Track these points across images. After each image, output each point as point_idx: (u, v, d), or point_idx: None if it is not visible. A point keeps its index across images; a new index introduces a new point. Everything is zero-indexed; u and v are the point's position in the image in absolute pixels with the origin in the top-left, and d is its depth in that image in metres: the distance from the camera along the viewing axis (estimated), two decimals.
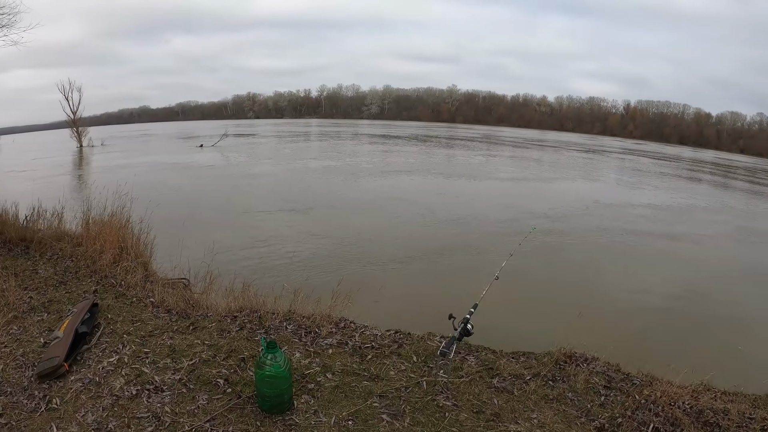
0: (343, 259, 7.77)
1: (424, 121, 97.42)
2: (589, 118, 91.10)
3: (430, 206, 12.14)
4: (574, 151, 37.68)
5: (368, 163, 22.17)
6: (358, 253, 8.08)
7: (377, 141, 38.92)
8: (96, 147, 41.30)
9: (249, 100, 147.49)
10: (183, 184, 16.52)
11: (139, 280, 4.45)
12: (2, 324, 3.60)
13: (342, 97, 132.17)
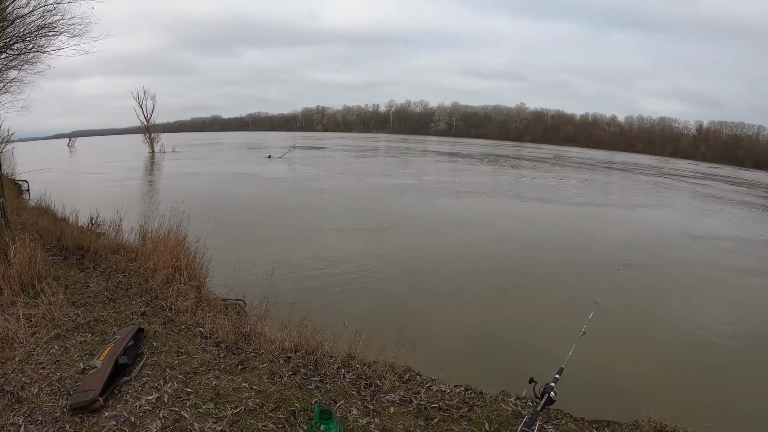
0: (410, 287, 8.12)
1: (492, 139, 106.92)
2: (660, 139, 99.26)
3: (504, 230, 12.76)
4: (648, 174, 39.46)
5: (440, 182, 23.55)
6: (427, 282, 8.38)
7: (447, 159, 42.28)
8: (167, 153, 47.39)
9: (318, 113, 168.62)
10: (250, 195, 18.25)
11: (190, 305, 4.60)
12: (44, 341, 3.84)
13: (410, 113, 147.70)
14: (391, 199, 17.86)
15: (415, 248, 10.75)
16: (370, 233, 12.21)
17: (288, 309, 4.83)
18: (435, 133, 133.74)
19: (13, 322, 4.09)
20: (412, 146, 64.64)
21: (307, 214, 14.37)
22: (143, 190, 20.84)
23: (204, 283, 5.69)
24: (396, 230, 12.59)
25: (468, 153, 52.22)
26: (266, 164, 32.86)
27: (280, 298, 5.24)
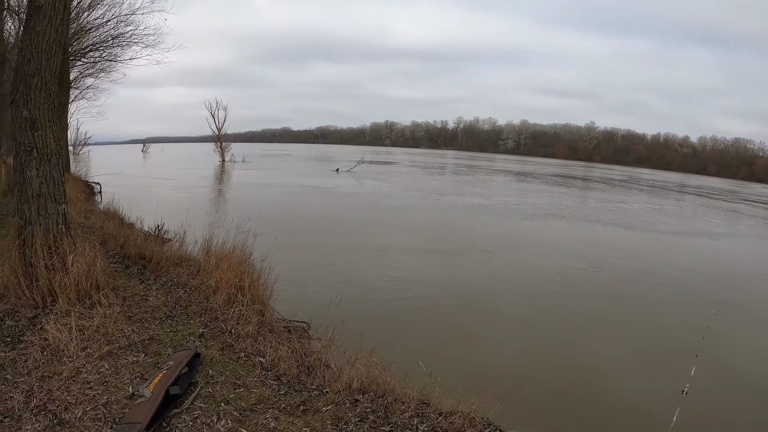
0: (488, 320, 8.09)
1: (561, 159, 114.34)
2: (735, 161, 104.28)
3: (587, 258, 12.90)
4: (727, 200, 40.23)
5: (516, 203, 24.66)
6: (505, 316, 8.37)
7: (520, 179, 44.76)
8: (237, 162, 50.86)
9: (387, 128, 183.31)
10: (320, 210, 19.22)
11: (252, 331, 4.53)
12: (95, 358, 3.90)
13: (478, 130, 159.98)
14: (467, 220, 18.58)
15: (493, 275, 10.87)
16: (446, 256, 12.35)
17: (355, 337, 4.86)
18: (503, 151, 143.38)
19: (65, 333, 4.18)
20: (481, 164, 68.44)
21: (380, 233, 14.82)
22: (211, 199, 22.07)
23: (267, 305, 5.63)
24: (473, 254, 12.73)
25: (539, 173, 54.78)
26: (335, 178, 34.93)
27: (347, 324, 5.38)
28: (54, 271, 4.84)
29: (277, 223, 14.54)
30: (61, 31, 4.90)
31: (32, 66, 4.73)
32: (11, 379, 3.68)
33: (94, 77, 23.35)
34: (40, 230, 4.89)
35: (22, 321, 4.63)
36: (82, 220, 10.47)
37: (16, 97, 4.81)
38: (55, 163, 4.97)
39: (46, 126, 4.85)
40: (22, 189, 4.89)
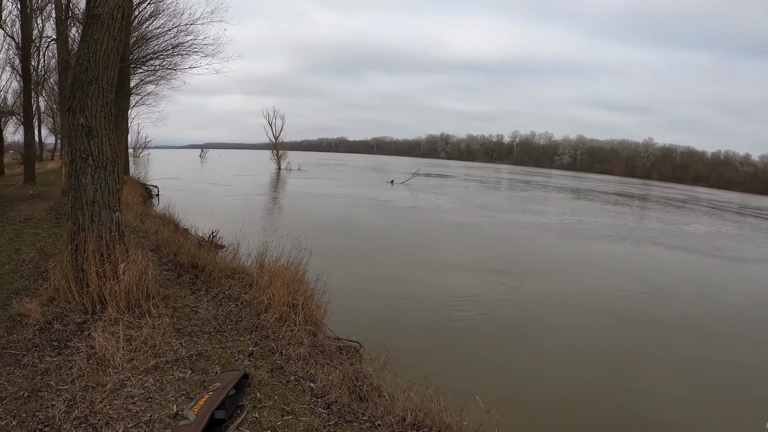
0: (552, 350, 7.75)
1: (617, 175, 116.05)
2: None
3: (654, 285, 12.39)
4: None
5: (578, 222, 24.51)
6: (571, 345, 8.04)
7: (580, 196, 44.57)
8: (293, 171, 52.24)
9: (442, 141, 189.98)
10: (378, 224, 19.62)
11: (303, 353, 4.39)
12: (140, 371, 3.84)
13: (534, 145, 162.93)
14: (528, 239, 18.58)
15: (555, 299, 10.55)
16: (507, 277, 12.11)
17: (409, 360, 5.03)
18: (559, 166, 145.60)
19: (112, 342, 4.17)
20: (538, 180, 69.15)
21: (438, 250, 14.85)
22: (267, 209, 22.57)
23: (320, 325, 5.49)
24: (535, 276, 12.49)
25: (598, 190, 54.99)
26: (391, 190, 35.70)
27: (401, 346, 5.40)
28: (105, 278, 4.87)
29: (333, 237, 14.58)
30: (119, 40, 4.98)
31: (89, 74, 4.81)
32: (54, 386, 3.69)
33: (155, 84, 24.41)
34: (93, 237, 4.94)
35: (70, 326, 4.67)
36: (137, 224, 10.73)
37: (73, 105, 4.90)
38: (110, 170, 5.03)
39: (102, 134, 4.92)
40: (77, 195, 4.96)
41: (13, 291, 5.97)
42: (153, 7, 15.17)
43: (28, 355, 4.22)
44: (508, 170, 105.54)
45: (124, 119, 13.49)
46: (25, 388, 3.69)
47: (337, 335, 6.25)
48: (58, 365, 4.00)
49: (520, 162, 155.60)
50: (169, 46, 14.96)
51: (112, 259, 4.98)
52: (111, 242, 5.07)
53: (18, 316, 4.97)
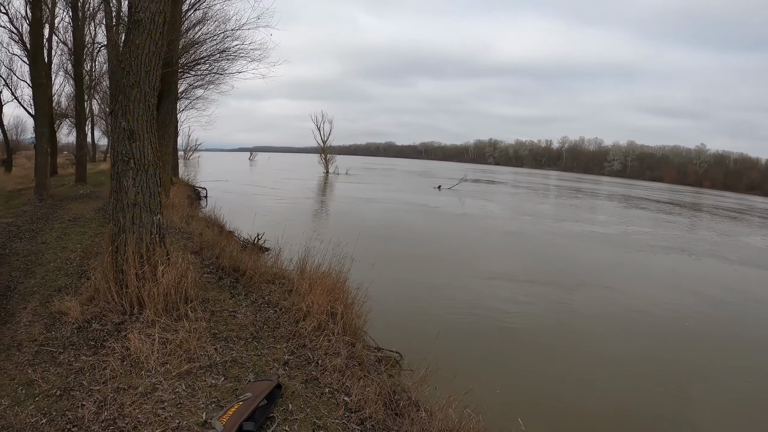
0: (604, 370, 7.43)
1: (668, 183, 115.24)
2: None
3: (717, 304, 11.64)
4: None
5: (633, 232, 23.50)
6: (626, 365, 7.65)
7: (633, 204, 43.09)
8: (341, 175, 52.91)
9: (490, 146, 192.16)
10: (423, 229, 19.61)
11: (339, 365, 4.32)
12: (173, 376, 3.85)
13: (584, 151, 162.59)
14: (581, 249, 17.96)
15: (610, 315, 10.14)
16: (558, 289, 11.69)
17: (449, 376, 4.83)
18: (608, 173, 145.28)
19: (147, 344, 4.22)
20: (588, 187, 68.29)
21: (487, 259, 14.69)
22: (312, 213, 22.76)
23: (359, 335, 5.43)
24: (588, 289, 12.04)
25: (651, 198, 53.62)
26: (438, 195, 35.55)
27: (443, 359, 5.26)
28: (144, 280, 4.96)
29: (378, 243, 14.57)
30: (161, 45, 5.08)
31: (131, 78, 4.93)
32: (87, 386, 3.76)
33: (204, 89, 25.16)
34: (133, 239, 5.05)
35: (108, 326, 4.76)
36: (182, 226, 10.98)
37: (115, 108, 5.03)
38: (152, 173, 5.13)
39: (144, 137, 5.03)
40: (118, 197, 5.08)
41: (55, 288, 6.18)
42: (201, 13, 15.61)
43: (65, 353, 4.32)
44: (557, 176, 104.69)
45: (172, 122, 13.87)
46: (58, 386, 3.78)
47: (377, 345, 6.20)
48: (93, 365, 4.08)
49: (569, 168, 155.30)
50: (215, 51, 15.36)
51: (151, 262, 5.07)
52: (151, 244, 5.15)
53: (58, 314, 5.12)
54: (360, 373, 4.39)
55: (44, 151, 15.58)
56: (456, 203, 30.71)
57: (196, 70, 17.16)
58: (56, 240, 9.19)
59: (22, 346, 4.53)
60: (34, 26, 15.59)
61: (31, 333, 4.77)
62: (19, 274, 6.96)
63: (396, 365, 5.76)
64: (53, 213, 12.48)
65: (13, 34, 20.49)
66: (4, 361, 4.26)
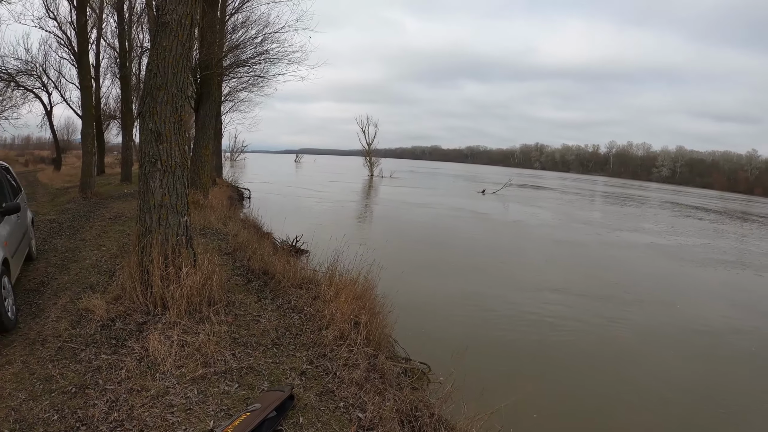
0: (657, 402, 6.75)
1: (718, 190, 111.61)
2: None
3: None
4: None
5: (695, 244, 22.18)
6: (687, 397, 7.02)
7: (689, 213, 40.91)
8: (385, 178, 52.98)
9: (536, 151, 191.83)
10: (467, 235, 19.00)
11: (358, 377, 4.23)
12: (186, 380, 3.87)
13: (631, 156, 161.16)
14: (637, 261, 16.91)
15: (668, 336, 9.34)
16: (612, 305, 11.01)
17: (476, 392, 4.65)
18: (657, 179, 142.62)
19: (166, 346, 4.27)
20: (639, 194, 65.92)
21: (537, 269, 14.16)
22: (353, 215, 22.78)
23: (383, 346, 5.33)
24: (644, 306, 11.20)
25: (705, 206, 51.48)
26: (484, 200, 35.15)
27: (471, 374, 5.15)
28: (168, 281, 5.01)
29: (419, 249, 14.43)
30: (188, 47, 5.16)
31: (158, 80, 5.02)
32: (101, 385, 3.83)
33: (247, 91, 25.67)
34: (159, 240, 5.12)
35: (131, 325, 4.84)
36: (220, 226, 11.11)
37: (143, 110, 5.12)
38: (179, 175, 5.19)
39: (171, 139, 5.10)
40: (145, 198, 5.17)
41: (87, 285, 6.33)
42: (243, 16, 15.95)
43: (86, 350, 4.42)
44: (604, 182, 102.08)
45: (212, 124, 14.13)
46: (75, 383, 3.86)
47: (406, 354, 6.10)
48: (111, 364, 4.14)
49: (617, 174, 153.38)
50: (255, 53, 15.65)
51: (176, 263, 5.12)
52: (177, 246, 5.21)
53: (84, 311, 5.23)
54: (380, 387, 4.30)
55: (89, 150, 16.14)
56: (502, 209, 30.28)
57: (236, 73, 17.48)
58: (95, 237, 9.45)
59: (46, 341, 4.65)
60: (80, 31, 16.30)
61: (57, 329, 4.89)
62: (55, 270, 7.17)
63: (423, 377, 5.62)
64: (95, 211, 12.88)
65: (61, 38, 21.34)
66: (27, 355, 4.37)
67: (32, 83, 24.80)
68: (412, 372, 5.56)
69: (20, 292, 6.11)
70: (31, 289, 6.30)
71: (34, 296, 6.05)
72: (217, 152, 25.53)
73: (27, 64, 23.57)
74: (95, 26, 22.72)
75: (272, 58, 15.73)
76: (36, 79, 24.48)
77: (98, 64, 24.38)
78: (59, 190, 18.52)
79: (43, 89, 25.38)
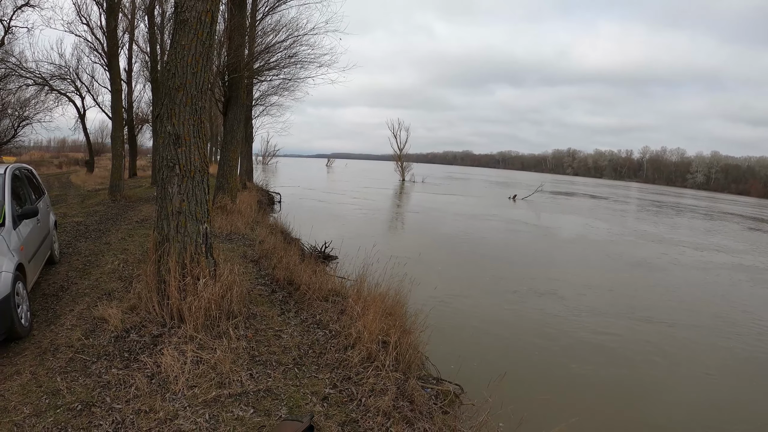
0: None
1: (755, 197, 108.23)
2: None
3: None
4: None
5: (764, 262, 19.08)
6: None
7: (756, 225, 37.46)
8: (417, 183, 52.82)
9: (569, 156, 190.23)
10: (504, 248, 17.64)
11: (385, 406, 3.88)
12: (199, 402, 3.61)
13: (665, 162, 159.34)
14: (744, 289, 13.96)
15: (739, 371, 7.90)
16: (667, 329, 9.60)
17: (512, 428, 4.45)
18: (691, 185, 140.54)
19: (179, 363, 4.04)
20: (684, 202, 63.07)
21: (592, 287, 12.50)
22: (383, 224, 22.41)
23: (414, 369, 4.98)
24: (705, 333, 9.70)
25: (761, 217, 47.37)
26: (520, 208, 33.64)
27: (511, 402, 4.78)
28: (185, 292, 4.77)
29: (448, 265, 13.81)
30: (209, 46, 4.90)
31: (177, 80, 4.79)
32: (109, 403, 3.62)
33: (278, 95, 25.73)
34: (176, 248, 4.89)
35: (146, 337, 4.61)
36: (247, 232, 10.95)
37: (161, 112, 4.88)
38: (198, 180, 4.95)
39: (191, 142, 4.85)
40: (162, 204, 4.94)
41: (105, 292, 6.15)
42: (274, 19, 15.86)
43: (97, 363, 4.20)
44: (638, 188, 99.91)
45: (240, 128, 14.00)
46: (82, 399, 3.65)
47: (438, 374, 5.74)
48: (121, 379, 3.93)
49: (650, 180, 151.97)
50: (285, 56, 15.51)
51: (194, 273, 4.88)
52: (196, 255, 4.97)
53: (99, 320, 5.03)
54: (409, 415, 3.96)
55: (119, 153, 16.25)
56: (552, 220, 27.53)
57: (265, 75, 17.38)
58: (119, 241, 9.34)
59: (58, 351, 4.46)
60: (110, 34, 16.47)
61: (70, 338, 4.69)
62: (76, 274, 7.03)
63: (456, 401, 5.28)
64: (123, 214, 12.85)
65: (92, 42, 21.72)
66: (37, 366, 4.18)
67: (66, 87, 25.35)
68: (444, 394, 5.19)
69: (39, 297, 5.98)
70: (50, 294, 6.15)
71: (52, 301, 5.89)
72: (247, 156, 25.56)
73: (61, 68, 24.12)
74: (127, 30, 23.09)
75: (301, 61, 15.58)
76: (69, 83, 25.02)
77: (130, 68, 24.74)
78: (90, 192, 18.69)
79: (76, 93, 25.96)
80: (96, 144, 36.71)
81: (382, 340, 4.94)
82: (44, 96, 26.23)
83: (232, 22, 12.94)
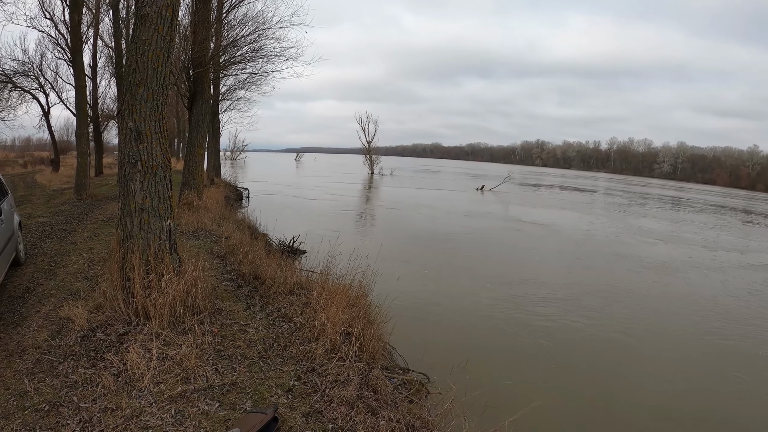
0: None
1: (720, 186, 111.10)
2: None
3: None
4: None
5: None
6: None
7: (755, 219, 37.32)
8: (385, 176, 52.88)
9: (537, 148, 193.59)
10: (477, 246, 17.14)
11: (349, 395, 3.95)
12: (164, 398, 3.62)
13: (632, 152, 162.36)
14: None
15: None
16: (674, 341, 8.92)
17: (477, 413, 4.36)
18: (658, 175, 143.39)
19: (145, 360, 4.04)
20: (666, 193, 62.67)
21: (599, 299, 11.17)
22: (350, 217, 22.40)
23: (378, 358, 5.06)
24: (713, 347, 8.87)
25: (751, 209, 47.73)
26: (485, 201, 33.51)
27: (474, 387, 4.78)
28: (150, 289, 4.76)
29: (412, 259, 13.87)
30: (169, 41, 4.86)
31: (137, 76, 4.74)
32: (76, 403, 3.61)
33: (244, 89, 25.45)
34: (140, 245, 4.86)
35: (111, 336, 4.59)
36: (213, 228, 10.88)
37: (122, 108, 4.85)
38: (161, 176, 4.92)
39: (152, 138, 4.82)
40: (125, 201, 4.90)
41: (71, 292, 6.08)
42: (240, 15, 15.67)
43: (64, 363, 4.18)
44: (606, 178, 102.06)
45: (205, 123, 13.81)
46: (49, 400, 3.63)
47: (406, 364, 5.84)
48: (88, 379, 3.91)
49: (618, 170, 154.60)
50: (250, 50, 15.36)
51: (158, 270, 4.87)
52: (160, 251, 4.96)
53: (65, 320, 4.99)
54: (374, 405, 4.02)
55: (84, 151, 15.91)
56: (501, 210, 28.55)
57: (231, 70, 17.19)
58: (85, 241, 9.20)
59: (25, 353, 4.40)
60: (74, 29, 15.96)
61: (37, 339, 4.64)
62: (41, 275, 6.92)
63: (422, 389, 5.28)
64: (89, 213, 12.63)
65: (56, 38, 21.15)
66: (4, 368, 4.13)
67: (29, 84, 24.55)
68: (410, 384, 5.26)
69: (4, 299, 5.87)
70: (16, 296, 6.04)
71: (18, 303, 5.79)
72: (215, 151, 25.25)
73: (24, 65, 23.33)
74: (91, 25, 22.47)
75: (267, 54, 15.45)
76: (33, 79, 24.24)
77: (95, 64, 24.22)
78: (55, 192, 18.25)
79: (40, 90, 25.13)
80: (61, 142, 35.74)
81: (345, 331, 5.02)
82: (7, 94, 25.39)
83: (197, 16, 12.75)
